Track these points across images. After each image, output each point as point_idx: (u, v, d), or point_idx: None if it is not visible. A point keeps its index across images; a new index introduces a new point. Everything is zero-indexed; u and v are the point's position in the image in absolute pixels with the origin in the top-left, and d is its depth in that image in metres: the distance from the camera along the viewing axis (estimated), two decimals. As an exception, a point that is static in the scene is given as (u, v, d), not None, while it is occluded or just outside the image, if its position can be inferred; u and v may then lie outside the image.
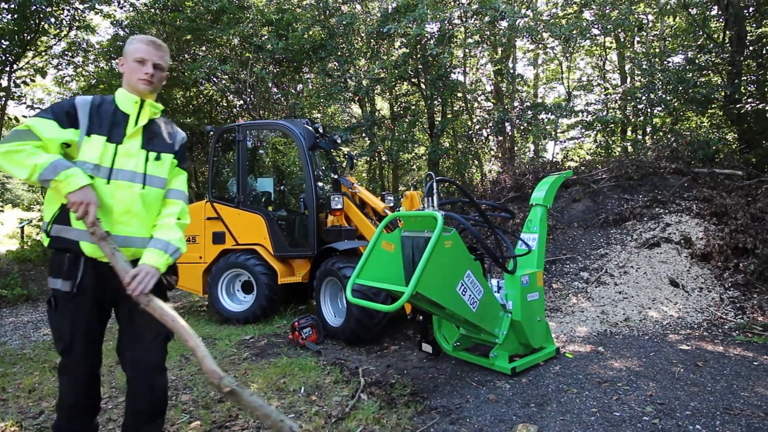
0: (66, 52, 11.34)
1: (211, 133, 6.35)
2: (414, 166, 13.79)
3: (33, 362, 4.34)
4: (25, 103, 10.74)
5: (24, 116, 12.88)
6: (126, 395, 2.25)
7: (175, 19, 10.74)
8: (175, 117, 10.78)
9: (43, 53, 10.89)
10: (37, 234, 12.48)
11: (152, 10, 11.02)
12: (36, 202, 14.46)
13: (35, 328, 5.93)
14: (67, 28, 10.26)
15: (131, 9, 11.17)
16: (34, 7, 8.49)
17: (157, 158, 2.19)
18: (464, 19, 10.22)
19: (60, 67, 11.67)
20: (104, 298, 2.16)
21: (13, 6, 8.17)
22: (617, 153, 10.34)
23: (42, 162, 1.91)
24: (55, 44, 10.86)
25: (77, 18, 10.06)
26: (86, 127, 2.06)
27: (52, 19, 9.58)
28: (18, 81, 9.86)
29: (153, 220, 2.19)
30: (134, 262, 2.11)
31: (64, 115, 2.05)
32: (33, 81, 10.50)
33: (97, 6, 9.55)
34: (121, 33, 11.40)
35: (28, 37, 9.23)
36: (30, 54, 10.11)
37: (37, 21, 9.15)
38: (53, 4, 8.98)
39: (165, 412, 2.32)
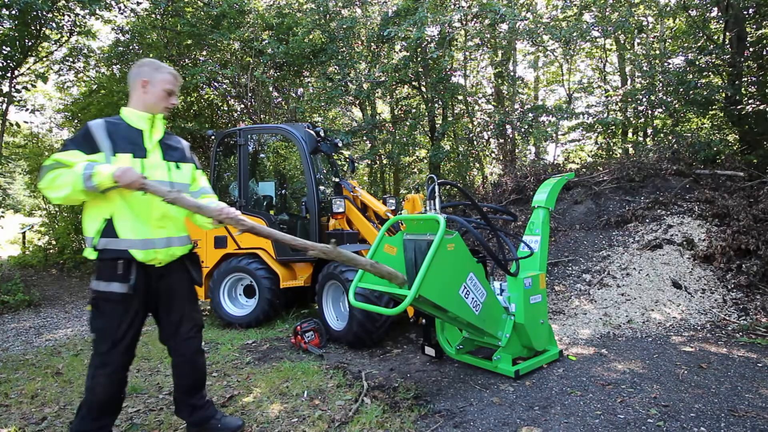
0: (67, 58, 11.37)
1: (213, 137, 6.36)
2: (415, 169, 13.79)
3: (35, 368, 4.34)
4: (26, 108, 10.77)
5: (25, 122, 12.93)
6: (173, 375, 2.66)
7: (176, 24, 10.77)
8: (176, 122, 10.79)
9: (44, 59, 10.91)
10: (39, 239, 12.48)
11: (153, 16, 11.06)
12: (37, 207, 14.48)
13: (37, 334, 5.93)
14: (68, 34, 10.28)
15: (132, 15, 11.22)
16: (35, 12, 8.52)
17: (177, 167, 2.50)
18: (464, 23, 10.23)
19: (61, 72, 11.71)
20: (149, 298, 2.39)
21: (14, 12, 8.19)
22: (618, 155, 10.31)
23: (78, 170, 2.09)
24: (56, 50, 10.89)
25: (78, 24, 10.07)
26: (110, 148, 2.25)
27: (53, 25, 9.61)
28: (19, 86, 9.88)
29: (183, 221, 2.54)
30: (172, 264, 2.43)
31: (84, 142, 2.23)
32: (34, 86, 10.48)
33: (97, 12, 9.57)
34: (122, 38, 11.44)
35: (29, 43, 9.26)
36: (31, 60, 10.13)
37: (38, 27, 9.17)
38: (54, 9, 9.01)
39: (205, 382, 2.73)
